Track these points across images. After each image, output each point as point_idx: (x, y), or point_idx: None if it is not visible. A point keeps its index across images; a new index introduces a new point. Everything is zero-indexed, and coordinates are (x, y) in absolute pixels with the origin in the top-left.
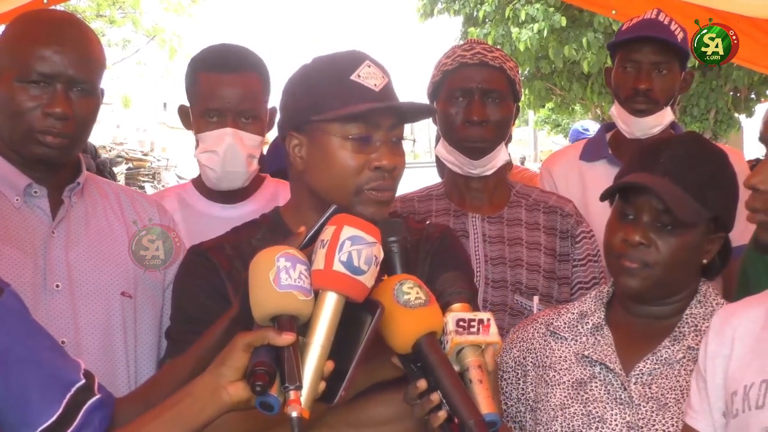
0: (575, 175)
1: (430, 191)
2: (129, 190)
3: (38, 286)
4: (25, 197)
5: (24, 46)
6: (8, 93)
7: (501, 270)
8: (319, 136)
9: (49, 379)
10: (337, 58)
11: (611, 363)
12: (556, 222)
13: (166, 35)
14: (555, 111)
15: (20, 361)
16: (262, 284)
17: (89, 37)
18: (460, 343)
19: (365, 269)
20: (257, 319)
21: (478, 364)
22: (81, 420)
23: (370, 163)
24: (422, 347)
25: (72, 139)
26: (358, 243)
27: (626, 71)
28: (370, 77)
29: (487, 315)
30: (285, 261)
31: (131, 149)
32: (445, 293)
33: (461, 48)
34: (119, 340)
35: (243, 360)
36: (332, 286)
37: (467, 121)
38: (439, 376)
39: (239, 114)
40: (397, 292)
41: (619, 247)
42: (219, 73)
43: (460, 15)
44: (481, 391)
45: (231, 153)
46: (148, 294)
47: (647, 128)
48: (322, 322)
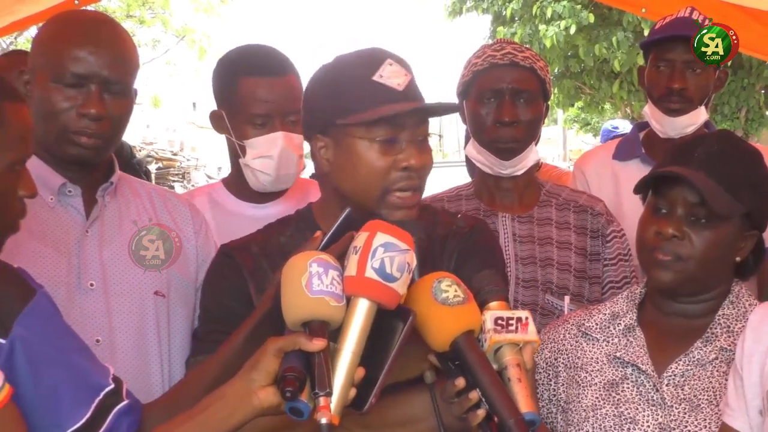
0: (608, 174)
1: (459, 191)
2: (161, 189)
3: (72, 285)
4: (60, 197)
5: (58, 47)
6: (43, 94)
7: (531, 270)
8: (344, 139)
9: (78, 382)
10: (358, 57)
11: (643, 364)
12: (587, 221)
13: (196, 35)
14: (584, 110)
15: (50, 363)
16: (295, 289)
17: (123, 37)
18: (498, 341)
19: (398, 276)
20: (289, 323)
21: (517, 363)
22: (109, 424)
23: (397, 163)
24: (460, 345)
25: (106, 139)
26: (390, 250)
27: (660, 70)
28: (393, 76)
29: (525, 313)
30: (317, 266)
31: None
32: (483, 291)
33: (491, 48)
34: (153, 339)
35: (274, 365)
36: (364, 293)
37: (498, 122)
38: (477, 374)
39: (285, 116)
40: (435, 290)
41: (652, 240)
42: (262, 77)
43: (488, 13)
44: (520, 389)
45: (285, 156)
46: (180, 293)
47: (681, 128)
48: (354, 328)
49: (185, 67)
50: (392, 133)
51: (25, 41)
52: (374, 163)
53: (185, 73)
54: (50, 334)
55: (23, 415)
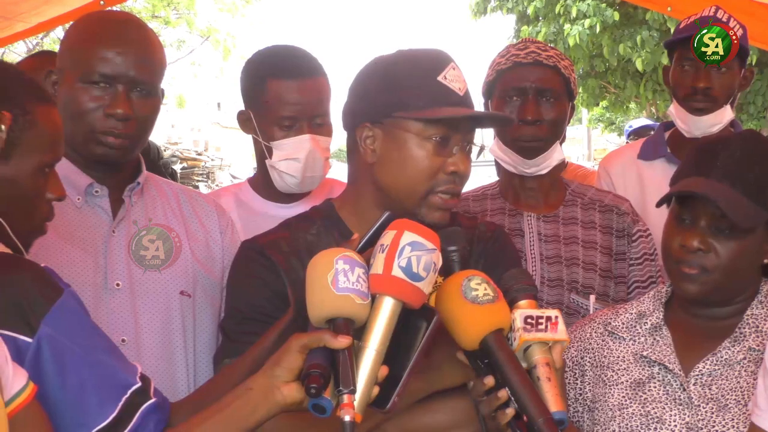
0: (633, 174)
1: (485, 190)
2: (187, 189)
3: (99, 284)
4: (87, 197)
5: (86, 47)
6: (71, 94)
7: (557, 269)
8: (396, 132)
9: (105, 381)
10: (423, 56)
11: (670, 363)
12: (612, 221)
13: (221, 36)
14: (609, 109)
15: (77, 362)
16: (320, 286)
17: (150, 38)
18: (528, 340)
19: (424, 276)
20: (313, 320)
21: (546, 362)
22: (136, 423)
23: (446, 166)
24: (490, 344)
25: (133, 139)
26: (418, 249)
27: (684, 70)
28: (455, 80)
29: (554, 312)
30: (344, 263)
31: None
32: (512, 290)
33: (515, 47)
34: (179, 338)
35: (298, 361)
36: (390, 291)
37: (521, 121)
38: (507, 373)
39: (312, 118)
40: (465, 288)
41: (677, 252)
42: (290, 79)
43: (512, 13)
44: (550, 388)
45: (312, 159)
46: (206, 293)
47: (706, 127)
48: (378, 326)
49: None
50: (446, 134)
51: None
52: (424, 161)
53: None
54: (77, 333)
55: (49, 414)
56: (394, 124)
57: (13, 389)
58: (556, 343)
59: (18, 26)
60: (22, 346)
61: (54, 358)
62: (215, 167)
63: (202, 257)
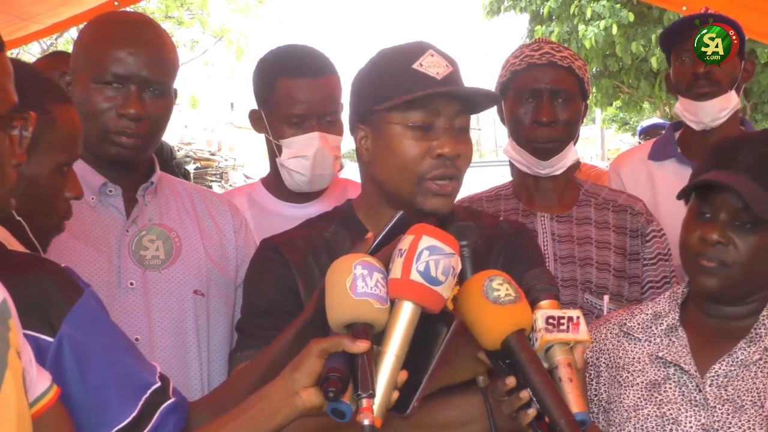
0: (643, 174)
1: (498, 191)
2: (201, 189)
3: (113, 284)
4: (100, 196)
5: (99, 48)
6: (84, 94)
7: (571, 269)
8: (382, 126)
9: (125, 380)
10: (402, 48)
11: (685, 364)
12: (626, 221)
13: (233, 36)
14: (623, 109)
15: (98, 362)
16: (339, 291)
17: (162, 38)
18: (549, 340)
19: (442, 280)
20: (332, 325)
21: (568, 362)
22: (156, 422)
23: (431, 150)
24: (512, 344)
25: (145, 139)
26: (436, 253)
27: (683, 62)
28: (433, 66)
29: (576, 313)
30: (362, 269)
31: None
32: (534, 290)
33: (529, 47)
34: (192, 338)
35: (317, 366)
36: (409, 296)
37: (536, 122)
38: (529, 373)
39: (322, 116)
40: (486, 289)
41: (696, 246)
42: (300, 78)
43: (525, 12)
44: (571, 389)
45: (320, 157)
46: (220, 292)
47: (714, 113)
48: (398, 331)
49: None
50: (427, 119)
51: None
52: (408, 149)
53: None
54: (98, 333)
55: (70, 414)
56: (379, 119)
57: (37, 391)
58: (578, 344)
59: (33, 27)
60: (44, 345)
61: (75, 358)
62: (228, 167)
63: (216, 256)
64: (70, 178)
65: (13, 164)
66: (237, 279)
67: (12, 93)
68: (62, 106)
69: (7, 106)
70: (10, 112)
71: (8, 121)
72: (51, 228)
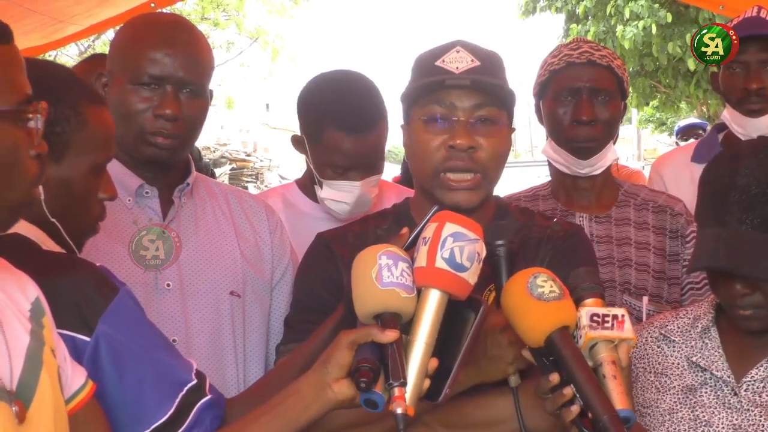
0: (686, 176)
1: (536, 191)
2: (237, 190)
3: (150, 285)
4: (137, 198)
5: (135, 49)
6: (120, 95)
7: (609, 270)
8: (411, 123)
9: (162, 378)
10: (434, 48)
11: (718, 370)
12: (666, 221)
13: (269, 37)
14: (659, 109)
15: (135, 359)
16: (365, 282)
17: (198, 39)
18: (594, 338)
19: (468, 266)
20: (360, 317)
21: (612, 360)
22: (193, 419)
23: (445, 142)
24: (555, 341)
25: (181, 139)
26: (460, 240)
27: (735, 73)
28: (454, 61)
29: (621, 311)
30: (387, 259)
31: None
32: (578, 288)
33: (568, 47)
34: (228, 339)
35: (347, 357)
36: (435, 283)
37: (576, 121)
38: (572, 370)
39: (365, 163)
40: (530, 285)
41: (727, 300)
42: (350, 134)
43: (561, 12)
44: (615, 386)
45: (360, 202)
46: (256, 293)
47: (763, 129)
48: (426, 319)
49: (258, 68)
50: (443, 112)
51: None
52: (426, 142)
53: (258, 74)
54: (134, 331)
55: (107, 412)
56: (409, 117)
57: (73, 387)
58: (623, 342)
59: (70, 29)
60: (81, 345)
61: (112, 356)
62: (264, 168)
63: (252, 257)
64: (104, 179)
65: (32, 155)
66: (272, 280)
67: (24, 84)
68: (95, 108)
69: (18, 98)
70: (22, 104)
71: (21, 113)
72: (85, 229)
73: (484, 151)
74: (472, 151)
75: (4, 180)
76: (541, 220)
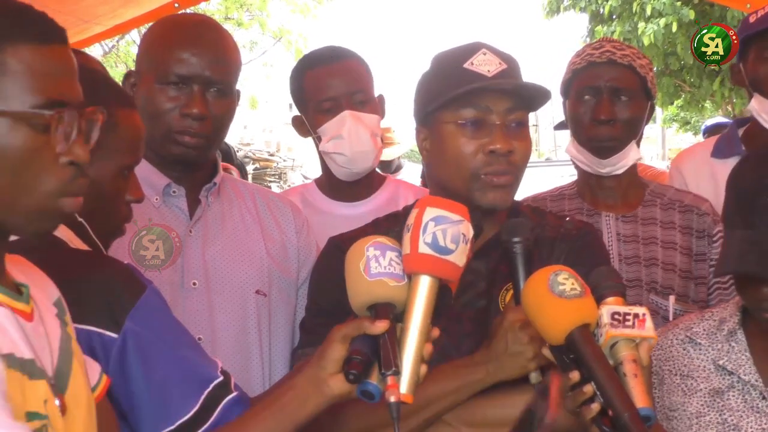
0: (706, 172)
1: (562, 191)
2: (263, 190)
3: (176, 283)
4: (164, 197)
5: (162, 49)
6: (148, 95)
7: (635, 269)
8: (437, 126)
9: (188, 375)
10: (457, 49)
11: (745, 374)
12: (692, 221)
13: (292, 37)
14: (684, 108)
15: (161, 357)
16: (354, 275)
17: (225, 39)
18: (615, 336)
19: (453, 248)
20: (354, 310)
21: (633, 359)
22: (218, 416)
23: (484, 147)
24: (576, 338)
25: (209, 138)
26: (442, 222)
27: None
28: (484, 64)
29: (642, 309)
30: (374, 250)
31: (258, 150)
32: (600, 287)
33: (591, 46)
34: (254, 338)
35: (341, 351)
36: (421, 269)
37: (595, 120)
38: (593, 368)
39: (351, 98)
40: (552, 283)
41: (753, 303)
42: (322, 66)
43: (585, 12)
44: (636, 385)
45: (355, 133)
46: (282, 293)
47: None
48: (417, 306)
49: (282, 68)
50: (478, 116)
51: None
52: (461, 147)
53: (282, 74)
54: (161, 329)
55: (133, 408)
56: (434, 120)
57: (92, 381)
58: (644, 340)
59: (95, 29)
60: (108, 342)
61: (139, 354)
62: (287, 168)
63: (278, 257)
64: (132, 181)
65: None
66: (298, 279)
67: (55, 89)
68: (126, 111)
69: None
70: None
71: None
72: (112, 230)
73: (517, 154)
74: (509, 155)
75: (19, 184)
76: (553, 220)
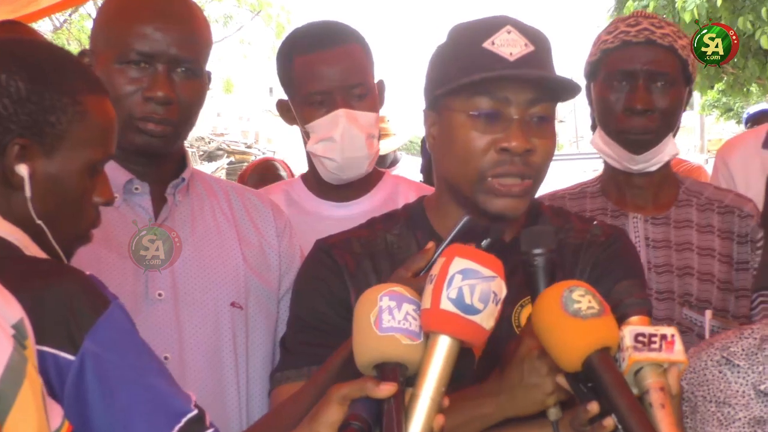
0: (756, 165)
1: (584, 188)
2: (240, 187)
3: (139, 294)
4: (125, 195)
5: (121, 24)
6: (106, 77)
7: (667, 279)
8: (446, 114)
9: (155, 406)
10: (477, 23)
11: None
12: (734, 224)
13: (273, 10)
14: (726, 93)
15: (125, 383)
16: (362, 326)
17: (193, 11)
18: (639, 361)
19: (480, 308)
20: (359, 367)
21: (660, 386)
22: None
23: (496, 143)
24: (594, 364)
25: (175, 126)
26: (471, 277)
27: None
28: (507, 45)
29: (671, 330)
30: (389, 300)
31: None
32: (622, 304)
33: (625, 22)
34: (228, 356)
35: (338, 414)
36: (441, 328)
37: (629, 110)
38: (614, 398)
39: (347, 91)
40: (565, 300)
41: None
42: (315, 52)
43: None
44: (664, 416)
45: (349, 136)
46: (261, 305)
47: None
48: (432, 370)
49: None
50: (494, 107)
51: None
52: (471, 141)
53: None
54: (125, 351)
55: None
56: (443, 105)
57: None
58: (672, 365)
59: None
60: (64, 364)
61: (99, 379)
62: None
63: (256, 264)
64: (101, 180)
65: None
66: (279, 290)
67: None
68: (96, 98)
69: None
70: None
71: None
72: (75, 236)
73: (538, 155)
74: (527, 155)
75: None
76: (578, 223)
